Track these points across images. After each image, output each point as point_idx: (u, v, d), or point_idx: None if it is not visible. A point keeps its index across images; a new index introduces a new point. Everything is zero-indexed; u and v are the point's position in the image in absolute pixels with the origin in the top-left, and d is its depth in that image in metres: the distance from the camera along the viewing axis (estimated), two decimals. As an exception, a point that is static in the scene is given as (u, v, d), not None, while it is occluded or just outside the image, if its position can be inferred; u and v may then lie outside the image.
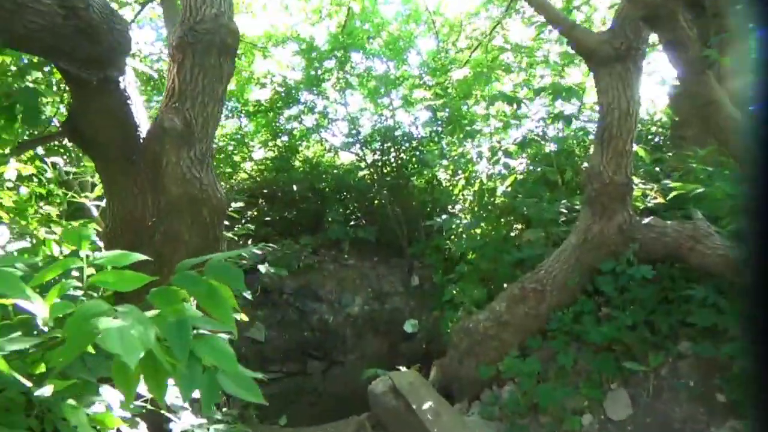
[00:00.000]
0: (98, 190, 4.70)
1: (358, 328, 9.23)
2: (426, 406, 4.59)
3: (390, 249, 10.46)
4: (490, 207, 6.24)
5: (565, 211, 5.24)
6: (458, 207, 10.79)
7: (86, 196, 4.63)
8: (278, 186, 10.65)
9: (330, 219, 9.79)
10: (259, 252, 8.95)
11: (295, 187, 10.60)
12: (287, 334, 9.05)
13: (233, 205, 10.45)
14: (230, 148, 10.63)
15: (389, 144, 10.59)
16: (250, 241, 9.98)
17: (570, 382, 4.33)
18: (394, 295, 9.56)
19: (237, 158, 10.64)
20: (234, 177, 10.91)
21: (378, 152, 10.81)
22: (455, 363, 5.30)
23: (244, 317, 5.51)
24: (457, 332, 5.35)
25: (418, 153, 10.58)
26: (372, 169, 10.65)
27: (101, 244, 3.48)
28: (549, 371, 4.49)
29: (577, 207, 5.15)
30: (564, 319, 4.59)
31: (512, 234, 6.09)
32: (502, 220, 6.12)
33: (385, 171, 10.78)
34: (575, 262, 4.62)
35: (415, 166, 10.38)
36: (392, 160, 10.77)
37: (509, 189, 6.03)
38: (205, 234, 3.24)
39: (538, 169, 6.05)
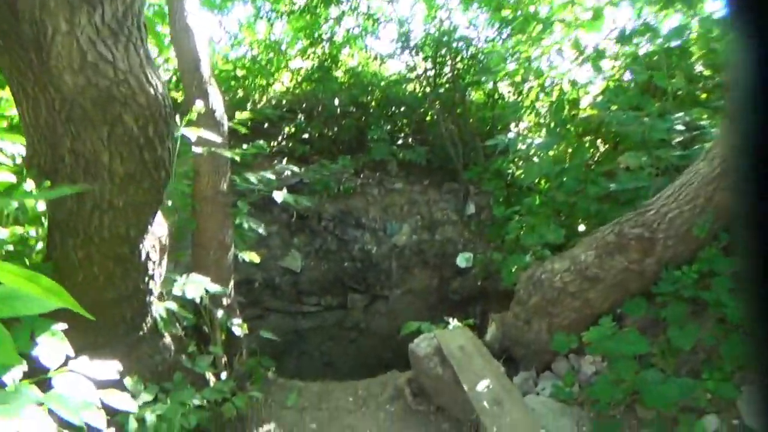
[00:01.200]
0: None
1: (404, 260, 8.13)
2: (481, 387, 3.45)
3: (442, 172, 9.11)
4: (571, 123, 4.79)
5: (682, 128, 3.76)
6: (524, 125, 9.23)
7: None
8: (317, 99, 9.31)
9: (375, 137, 8.46)
10: (289, 173, 7.80)
11: (336, 101, 9.24)
12: (326, 265, 8.06)
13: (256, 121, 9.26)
14: (264, 56, 9.29)
15: (444, 51, 8.98)
16: (285, 161, 8.85)
17: (689, 370, 3.07)
18: (446, 224, 8.32)
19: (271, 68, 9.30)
20: (268, 89, 9.63)
21: (431, 61, 9.23)
22: (520, 322, 4.11)
23: (254, 257, 4.37)
24: (525, 283, 4.11)
25: (477, 61, 8.95)
26: (423, 81, 9.13)
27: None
28: (655, 351, 3.23)
29: (703, 123, 3.66)
30: (683, 279, 3.25)
31: (599, 158, 4.67)
32: (587, 139, 4.69)
33: (438, 82, 9.23)
34: (704, 202, 3.21)
35: (474, 76, 8.78)
36: (447, 69, 9.19)
37: (599, 99, 4.55)
38: (134, 155, 2.03)
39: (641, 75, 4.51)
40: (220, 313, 3.76)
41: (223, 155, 3.95)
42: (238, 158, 4.42)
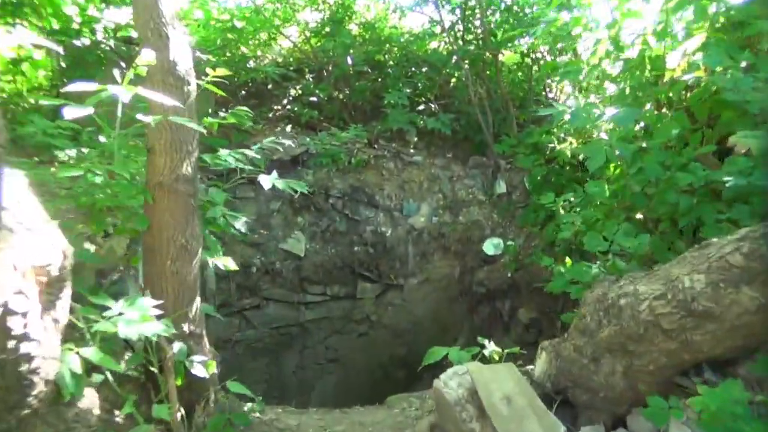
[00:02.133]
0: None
1: (422, 245, 7.06)
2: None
3: (469, 144, 7.93)
4: (655, 89, 3.59)
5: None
6: (562, 91, 7.96)
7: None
8: (328, 57, 8.09)
9: (392, 102, 7.26)
10: (292, 144, 6.67)
11: (348, 60, 8.01)
12: (333, 249, 7.02)
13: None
14: (269, 6, 8.02)
15: (473, 1, 7.68)
16: (289, 127, 7.71)
17: None
18: (472, 204, 7.21)
19: (276, 21, 8.05)
20: (272, 44, 8.40)
21: (458, 13, 7.94)
22: (585, 359, 3.04)
23: (230, 264, 3.30)
24: (593, 306, 3.03)
25: (513, 14, 7.64)
26: (449, 37, 7.86)
27: None
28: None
29: None
30: None
31: (689, 137, 3.49)
32: (670, 111, 3.52)
33: (466, 39, 7.96)
34: None
35: (509, 32, 7.50)
36: (477, 23, 7.90)
37: (693, 55, 3.36)
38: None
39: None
40: (176, 346, 2.73)
41: (187, 127, 2.86)
42: (208, 130, 3.32)
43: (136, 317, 2.26)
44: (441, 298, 7.13)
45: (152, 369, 2.56)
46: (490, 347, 3.88)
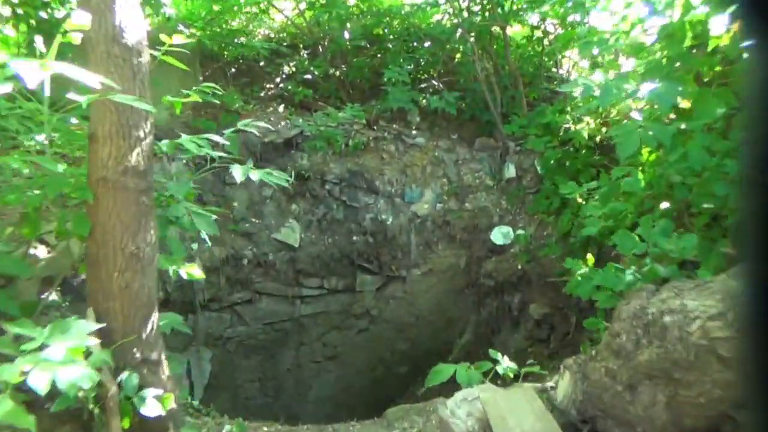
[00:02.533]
0: None
1: (426, 234, 6.55)
2: None
3: (476, 125, 7.36)
4: (697, 61, 3.03)
5: None
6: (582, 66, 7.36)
7: None
8: (323, 32, 7.50)
9: (392, 79, 6.69)
10: (287, 126, 6.13)
11: (346, 34, 7.42)
12: (330, 238, 6.52)
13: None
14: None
15: (481, -30, 7.04)
16: (282, 108, 7.15)
17: None
18: (479, 190, 6.68)
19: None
20: (264, 18, 7.80)
21: (464, -17, 7.30)
22: (619, 385, 2.54)
23: (195, 273, 2.81)
24: (629, 322, 2.53)
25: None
26: (453, 9, 7.25)
27: None
28: None
29: None
30: None
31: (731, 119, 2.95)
32: (713, 86, 2.96)
33: (472, 11, 7.34)
34: None
35: (518, 2, 6.88)
36: (484, -6, 7.26)
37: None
38: None
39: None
40: (125, 377, 2.23)
41: (138, 108, 2.34)
42: (171, 110, 2.80)
43: (60, 354, 1.77)
44: (446, 290, 6.65)
45: (91, 408, 2.08)
46: (505, 363, 3.39)
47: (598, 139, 5.72)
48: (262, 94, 7.39)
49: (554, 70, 7.77)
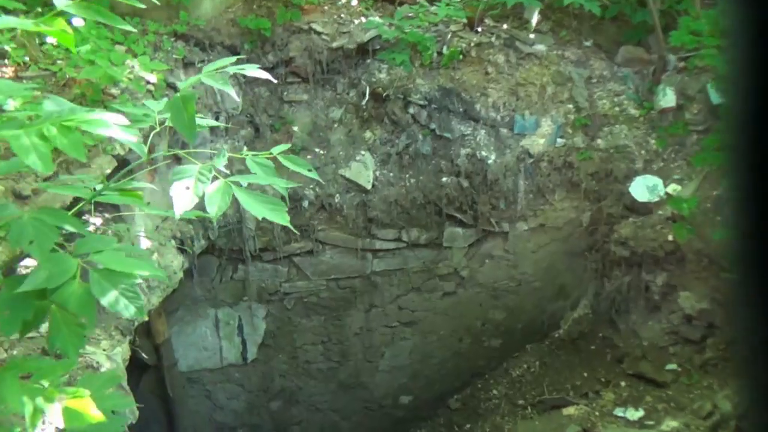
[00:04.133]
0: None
1: (540, 179, 4.97)
2: None
3: (621, 27, 5.36)
4: None
5: None
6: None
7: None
8: None
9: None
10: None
11: None
12: (413, 178, 5.13)
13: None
14: None
15: None
16: (356, 1, 5.54)
17: None
18: (619, 121, 4.90)
19: None
20: None
21: None
22: None
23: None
24: None
25: None
26: None
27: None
28: None
29: None
30: None
31: None
32: None
33: None
34: None
35: None
36: None
37: None
38: None
39: None
40: None
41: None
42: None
43: None
44: (559, 251, 5.17)
45: None
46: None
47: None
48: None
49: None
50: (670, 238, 4.28)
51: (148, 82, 4.07)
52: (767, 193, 0.58)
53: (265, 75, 1.76)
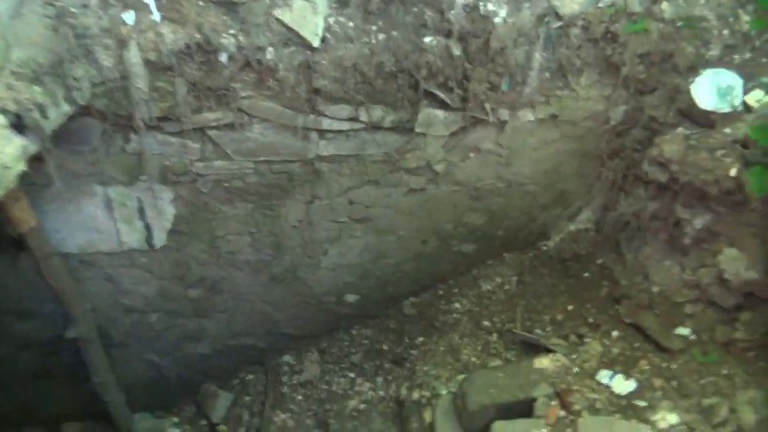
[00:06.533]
0: None
1: (567, 51, 3.39)
2: None
3: None
4: None
5: None
6: None
7: None
8: None
9: None
10: None
11: None
12: (382, 33, 3.47)
13: None
14: None
15: None
16: None
17: None
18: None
19: None
20: None
21: None
22: None
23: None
24: None
25: None
26: None
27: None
28: None
29: None
30: None
31: None
32: None
33: None
34: None
35: None
36: None
37: None
38: None
39: None
40: None
41: None
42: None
43: None
44: (569, 151, 3.87)
45: None
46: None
47: None
48: None
49: None
50: (733, 173, 3.03)
51: None
52: None
53: None
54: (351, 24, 3.43)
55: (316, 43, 3.37)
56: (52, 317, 4.44)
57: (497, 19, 3.33)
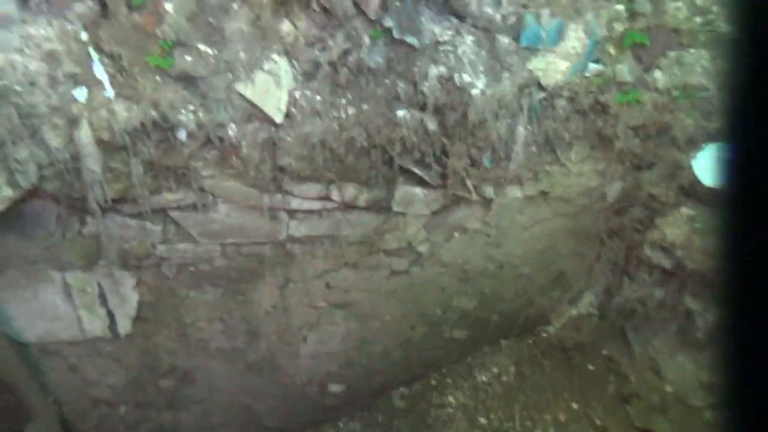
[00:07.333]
0: None
1: (554, 124, 3.10)
2: None
3: None
4: None
5: None
6: None
7: None
8: None
9: None
10: None
11: None
12: (351, 106, 3.22)
13: None
14: None
15: None
16: None
17: None
18: (698, 44, 2.96)
19: None
20: None
21: None
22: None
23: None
24: None
25: None
26: None
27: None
28: None
29: None
30: None
31: None
32: None
33: None
34: None
35: None
36: None
37: None
38: None
39: None
40: None
41: None
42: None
43: None
44: (564, 230, 3.50)
45: None
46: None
47: None
48: None
49: None
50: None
51: None
52: None
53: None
54: (318, 98, 3.20)
55: (279, 119, 3.13)
56: (14, 409, 4.12)
57: (474, 91, 3.06)
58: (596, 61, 2.97)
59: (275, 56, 3.16)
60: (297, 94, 3.18)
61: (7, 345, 3.67)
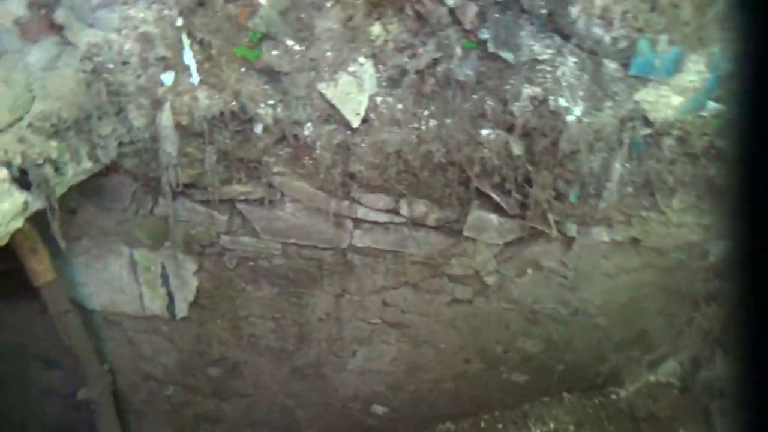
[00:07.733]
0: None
1: (657, 165, 2.75)
2: None
3: None
4: None
5: None
6: None
7: None
8: None
9: None
10: None
11: None
12: (433, 118, 3.02)
13: None
14: None
15: None
16: None
17: None
18: None
19: None
20: None
21: None
22: None
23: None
24: None
25: None
26: None
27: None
28: None
29: None
30: None
31: None
32: None
33: None
34: None
35: None
36: None
37: None
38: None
39: None
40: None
41: None
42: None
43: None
44: (653, 285, 3.11)
45: None
46: None
47: None
48: None
49: None
50: None
51: None
52: None
53: None
54: (399, 106, 3.03)
55: (355, 123, 2.99)
56: (75, 371, 4.28)
57: (570, 117, 2.77)
58: (717, 100, 2.59)
59: (361, 59, 3.03)
60: (378, 99, 3.04)
61: (75, 309, 3.81)
